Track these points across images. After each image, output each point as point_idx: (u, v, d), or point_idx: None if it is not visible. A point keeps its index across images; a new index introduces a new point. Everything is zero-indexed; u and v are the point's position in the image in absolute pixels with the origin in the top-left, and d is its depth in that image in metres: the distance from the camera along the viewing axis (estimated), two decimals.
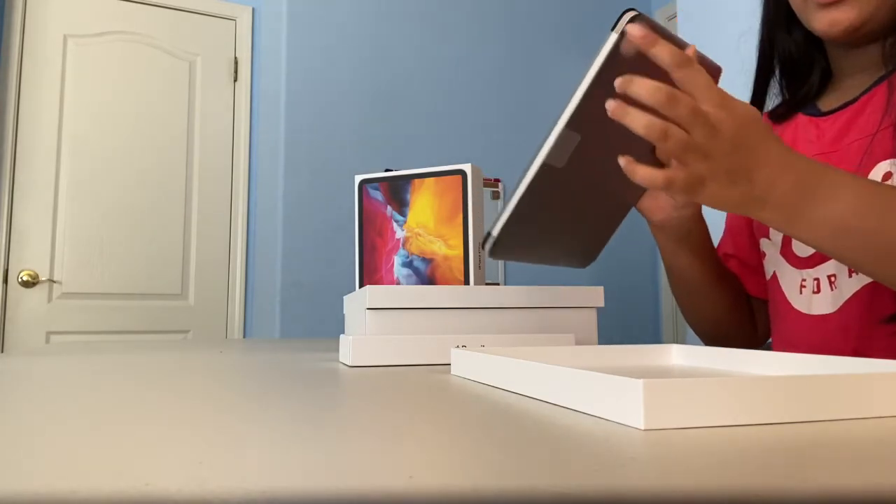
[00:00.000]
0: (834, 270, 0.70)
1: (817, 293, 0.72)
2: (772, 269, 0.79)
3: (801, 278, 0.74)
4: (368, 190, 0.84)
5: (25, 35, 2.51)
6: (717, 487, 0.20)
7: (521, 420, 0.32)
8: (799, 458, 0.24)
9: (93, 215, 2.54)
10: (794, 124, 0.80)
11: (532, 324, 0.73)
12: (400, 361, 0.66)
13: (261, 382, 0.50)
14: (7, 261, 2.43)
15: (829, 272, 0.71)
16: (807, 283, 0.73)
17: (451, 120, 2.88)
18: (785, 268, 0.76)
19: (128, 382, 0.50)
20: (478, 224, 0.80)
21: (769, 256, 0.79)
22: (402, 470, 0.22)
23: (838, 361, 0.42)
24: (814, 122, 0.77)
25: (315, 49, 2.68)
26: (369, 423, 0.31)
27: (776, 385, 0.31)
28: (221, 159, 2.75)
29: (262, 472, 0.22)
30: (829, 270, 0.71)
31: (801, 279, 0.74)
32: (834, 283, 0.70)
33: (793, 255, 0.75)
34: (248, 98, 2.79)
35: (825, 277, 0.71)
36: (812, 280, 0.73)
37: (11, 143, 2.46)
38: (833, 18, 0.69)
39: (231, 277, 2.73)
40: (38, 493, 0.19)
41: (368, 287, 0.69)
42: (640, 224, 3.22)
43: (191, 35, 2.74)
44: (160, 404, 0.38)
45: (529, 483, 0.20)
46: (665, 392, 0.29)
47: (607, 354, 0.58)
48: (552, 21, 3.12)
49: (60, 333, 2.47)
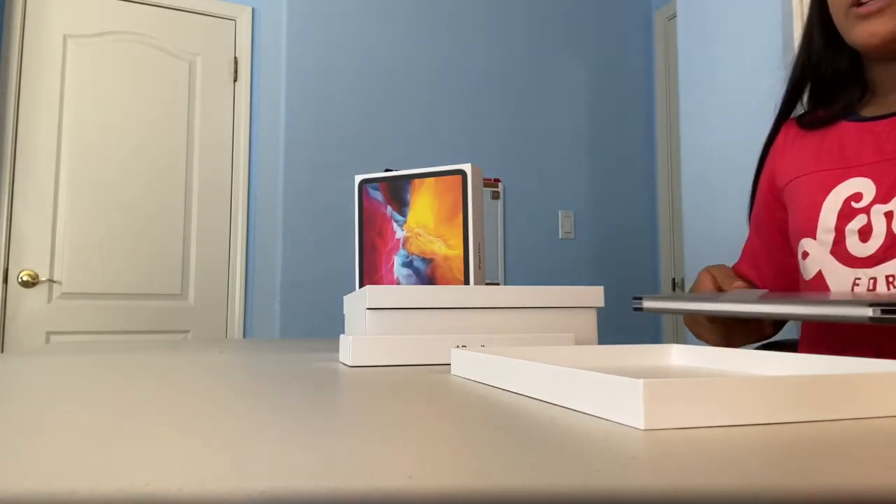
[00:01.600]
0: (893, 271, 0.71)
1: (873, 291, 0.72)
2: (816, 268, 0.79)
3: (854, 277, 0.74)
4: (368, 190, 0.84)
5: (25, 35, 2.51)
6: (717, 487, 0.20)
7: (521, 420, 0.32)
8: (799, 458, 0.23)
9: (93, 215, 2.54)
10: (837, 130, 0.81)
11: (532, 324, 0.73)
12: (400, 361, 0.66)
13: (261, 382, 0.50)
14: (7, 261, 2.43)
15: (889, 272, 0.71)
16: (861, 282, 0.73)
17: (451, 120, 2.88)
18: (835, 266, 0.76)
19: (128, 382, 0.50)
20: (478, 224, 0.80)
21: (813, 256, 0.79)
22: (401, 470, 0.22)
23: (838, 361, 0.42)
24: (864, 128, 0.78)
25: (315, 49, 2.68)
26: (369, 423, 0.31)
27: (776, 385, 0.31)
28: (221, 159, 2.75)
29: (262, 472, 0.22)
30: (889, 271, 0.71)
31: (855, 278, 0.74)
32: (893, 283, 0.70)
33: (846, 255, 0.75)
34: (248, 98, 2.79)
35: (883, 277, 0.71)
36: (868, 279, 0.73)
37: (11, 143, 2.46)
38: (872, 30, 0.72)
39: (231, 277, 2.73)
40: (38, 493, 0.19)
41: (368, 287, 0.69)
42: (640, 224, 3.23)
43: (191, 35, 2.74)
44: (160, 404, 0.38)
45: (529, 483, 0.20)
46: (665, 392, 0.29)
47: (607, 354, 0.58)
48: (553, 21, 3.12)
49: (60, 333, 2.47)
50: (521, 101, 3.02)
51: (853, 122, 0.79)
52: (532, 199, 3.00)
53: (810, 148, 0.83)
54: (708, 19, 2.34)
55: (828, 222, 0.77)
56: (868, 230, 0.73)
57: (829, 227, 0.76)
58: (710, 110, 2.30)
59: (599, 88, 3.19)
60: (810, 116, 0.85)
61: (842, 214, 0.75)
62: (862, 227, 0.73)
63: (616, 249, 3.15)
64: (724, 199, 2.21)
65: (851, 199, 0.75)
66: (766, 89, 2.08)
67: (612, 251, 3.15)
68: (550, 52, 3.10)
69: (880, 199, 0.73)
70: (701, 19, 2.37)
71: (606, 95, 3.20)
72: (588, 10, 3.20)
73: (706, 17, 2.35)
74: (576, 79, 3.15)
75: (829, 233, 0.76)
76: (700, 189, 2.33)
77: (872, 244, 0.72)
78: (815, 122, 0.83)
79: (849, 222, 0.75)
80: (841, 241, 0.76)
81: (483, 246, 0.80)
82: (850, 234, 0.74)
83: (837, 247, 0.76)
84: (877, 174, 0.74)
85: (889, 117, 0.75)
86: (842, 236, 0.75)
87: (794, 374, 0.31)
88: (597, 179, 3.15)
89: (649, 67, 3.32)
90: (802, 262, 0.81)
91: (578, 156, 3.12)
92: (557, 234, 3.04)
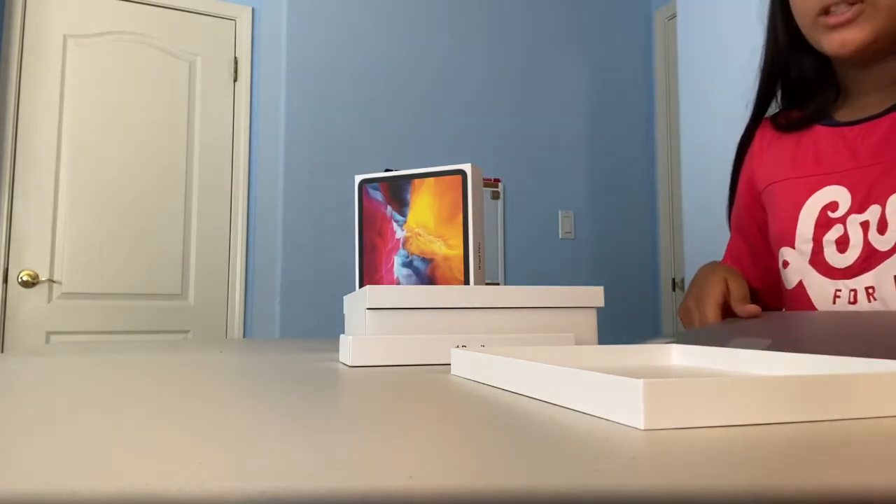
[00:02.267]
0: (872, 283, 0.70)
1: (853, 304, 0.71)
2: (797, 278, 0.78)
3: (834, 289, 0.73)
4: (368, 190, 0.84)
5: (25, 35, 2.51)
6: (717, 487, 0.20)
7: (521, 420, 0.32)
8: (799, 458, 0.23)
9: (93, 215, 2.54)
10: (812, 135, 0.79)
11: (532, 324, 0.73)
12: (400, 361, 0.66)
13: (261, 382, 0.50)
14: (7, 261, 2.43)
15: (868, 284, 0.70)
16: (842, 293, 0.72)
17: (451, 120, 2.88)
18: (815, 277, 0.75)
19: (127, 382, 0.50)
20: (478, 224, 0.80)
21: (793, 266, 0.78)
22: (401, 470, 0.22)
23: (838, 361, 0.42)
24: (838, 133, 0.76)
25: (315, 49, 2.68)
26: (369, 423, 0.31)
27: (776, 385, 0.31)
28: (221, 159, 2.75)
29: (262, 472, 0.22)
30: (868, 282, 0.70)
31: (836, 289, 0.73)
32: (873, 295, 0.70)
33: (825, 265, 0.74)
34: (248, 98, 2.79)
35: (863, 289, 0.71)
36: (848, 291, 0.72)
37: (11, 142, 2.46)
38: (844, 39, 0.69)
39: (231, 277, 2.73)
40: (38, 493, 0.19)
41: (368, 287, 0.69)
42: (639, 224, 3.23)
43: (191, 35, 2.74)
44: (160, 404, 0.38)
45: (529, 483, 0.20)
46: (665, 392, 0.29)
47: (607, 354, 0.58)
48: (553, 21, 3.12)
49: (60, 333, 2.47)
50: (522, 101, 3.02)
51: (827, 126, 0.78)
52: (532, 199, 3.00)
53: (786, 151, 0.82)
54: (708, 19, 2.34)
55: (805, 232, 0.76)
56: (845, 241, 0.72)
57: (806, 238, 0.76)
58: (710, 110, 2.30)
59: (599, 88, 3.19)
60: (785, 117, 0.83)
61: (819, 224, 0.75)
62: (839, 238, 0.73)
63: (616, 249, 3.15)
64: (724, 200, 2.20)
65: (828, 208, 0.74)
66: None
67: (612, 251, 3.15)
68: (550, 52, 3.10)
69: (856, 209, 0.72)
70: (701, 19, 2.37)
71: (606, 95, 3.20)
72: (588, 10, 3.20)
73: (706, 17, 2.35)
74: (576, 79, 3.15)
75: (808, 243, 0.76)
76: (700, 189, 2.33)
77: (850, 255, 0.72)
78: (790, 123, 0.82)
79: (826, 232, 0.74)
80: (819, 252, 0.75)
81: (483, 246, 0.80)
82: (827, 245, 0.74)
83: (816, 257, 0.75)
84: (852, 182, 0.73)
85: (863, 122, 0.74)
86: (819, 247, 0.75)
87: (794, 374, 0.31)
88: (597, 179, 3.15)
89: (649, 67, 3.32)
90: (784, 271, 0.80)
91: (578, 156, 3.12)
92: (557, 234, 3.04)
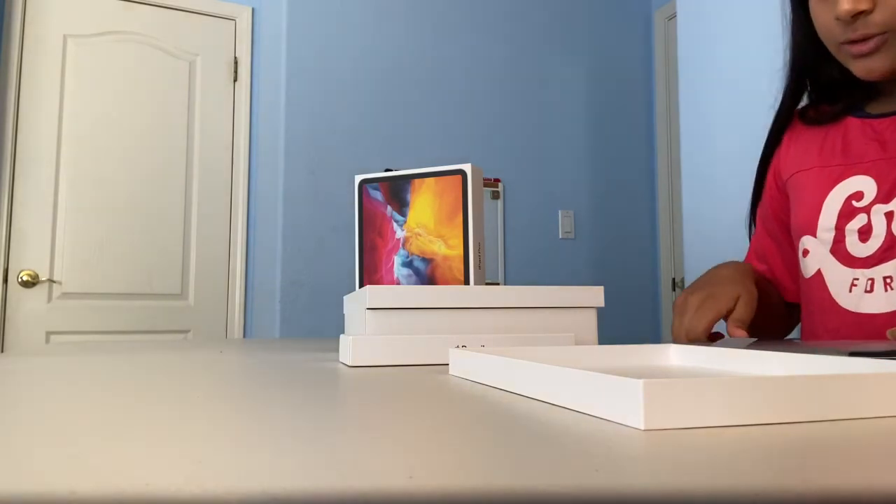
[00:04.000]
0: (891, 272, 0.71)
1: (870, 292, 0.72)
2: (816, 266, 0.78)
3: (852, 277, 0.74)
4: (368, 190, 0.84)
5: (25, 35, 2.51)
6: (717, 487, 0.20)
7: (520, 420, 0.32)
8: (799, 458, 0.23)
9: (93, 215, 2.54)
10: (842, 126, 0.80)
11: (532, 324, 0.73)
12: (400, 361, 0.66)
13: (261, 382, 0.50)
14: (7, 261, 2.43)
15: (886, 273, 0.71)
16: (859, 282, 0.73)
17: (451, 119, 2.88)
18: (834, 265, 0.76)
19: (127, 382, 0.50)
20: (478, 224, 0.80)
21: (813, 254, 0.79)
22: (401, 470, 0.22)
23: (838, 361, 0.42)
24: (868, 124, 0.77)
25: (315, 49, 2.68)
26: (369, 423, 0.31)
27: (776, 385, 0.31)
28: (221, 159, 2.75)
29: (262, 472, 0.22)
30: (887, 272, 0.71)
31: (853, 278, 0.74)
32: (890, 285, 0.71)
33: (846, 254, 0.75)
34: (248, 98, 2.79)
35: (881, 279, 0.72)
36: (866, 280, 0.73)
37: (11, 142, 2.46)
38: (869, 67, 0.70)
39: (231, 277, 2.73)
40: (38, 493, 0.19)
41: (368, 287, 0.69)
42: (640, 224, 3.23)
43: (191, 35, 2.74)
44: (160, 404, 0.38)
45: (529, 483, 0.20)
46: (665, 392, 0.29)
47: (607, 354, 0.58)
48: (553, 21, 3.12)
49: (60, 333, 2.47)
50: (522, 101, 3.02)
51: (858, 118, 0.79)
52: (532, 199, 3.00)
53: (814, 142, 0.82)
54: (708, 19, 2.34)
55: (828, 221, 0.76)
56: (868, 230, 0.73)
57: (829, 226, 0.76)
58: (711, 110, 2.30)
59: (599, 88, 3.19)
60: (815, 111, 0.84)
61: (842, 213, 0.75)
62: (862, 227, 0.73)
63: (616, 249, 3.15)
64: (724, 199, 2.20)
65: (852, 197, 0.75)
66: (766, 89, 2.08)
67: (612, 251, 3.14)
68: (550, 52, 3.10)
69: (881, 199, 0.72)
70: (701, 19, 2.37)
71: (606, 95, 3.20)
72: (588, 10, 3.20)
73: (706, 17, 2.35)
74: (576, 78, 3.14)
75: (830, 231, 0.76)
76: (700, 189, 2.33)
77: (872, 244, 0.72)
78: (820, 117, 0.83)
79: (849, 221, 0.75)
80: (841, 241, 0.75)
81: (483, 246, 0.80)
82: (849, 234, 0.74)
83: (837, 245, 0.76)
84: (879, 173, 0.73)
85: (893, 115, 0.75)
86: (842, 235, 0.75)
87: (794, 374, 0.31)
88: (597, 179, 3.15)
89: (649, 67, 3.32)
90: (803, 260, 0.81)
91: (578, 156, 3.12)
92: (557, 233, 3.04)
